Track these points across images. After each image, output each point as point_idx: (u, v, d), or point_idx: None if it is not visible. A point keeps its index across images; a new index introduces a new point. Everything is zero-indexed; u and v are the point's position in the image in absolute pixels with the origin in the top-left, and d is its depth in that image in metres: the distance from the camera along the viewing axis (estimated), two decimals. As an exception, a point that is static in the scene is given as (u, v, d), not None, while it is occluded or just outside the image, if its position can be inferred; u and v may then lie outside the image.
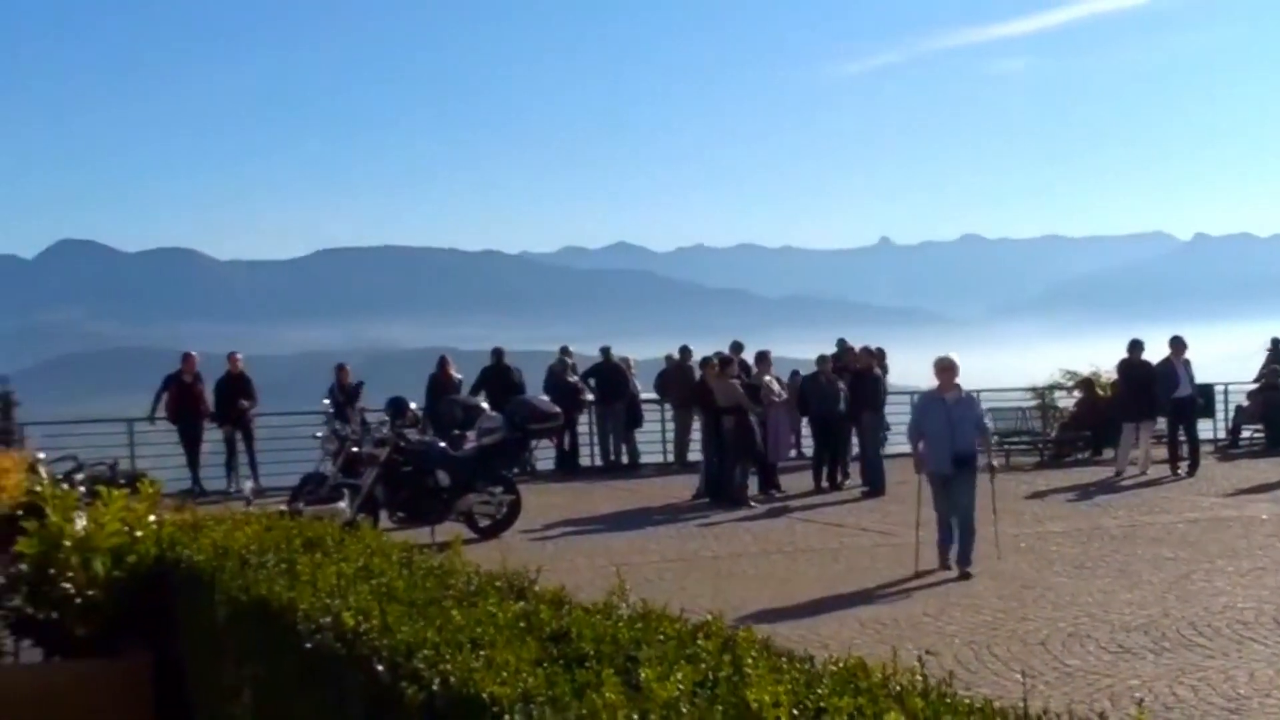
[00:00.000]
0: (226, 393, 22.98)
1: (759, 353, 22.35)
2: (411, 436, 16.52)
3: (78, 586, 6.87)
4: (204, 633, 6.22)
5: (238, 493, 21.61)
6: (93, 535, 7.03)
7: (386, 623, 4.57)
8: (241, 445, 23.11)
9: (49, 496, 7.36)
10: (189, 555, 6.62)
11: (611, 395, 24.96)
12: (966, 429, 14.04)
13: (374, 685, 4.33)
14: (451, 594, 5.11)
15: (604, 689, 3.60)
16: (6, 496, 11.76)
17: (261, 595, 5.46)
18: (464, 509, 16.19)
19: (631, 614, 4.60)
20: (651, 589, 10.84)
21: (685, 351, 25.60)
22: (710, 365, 20.95)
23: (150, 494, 7.56)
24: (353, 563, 5.80)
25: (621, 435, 25.44)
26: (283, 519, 7.30)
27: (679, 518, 18.20)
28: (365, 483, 15.75)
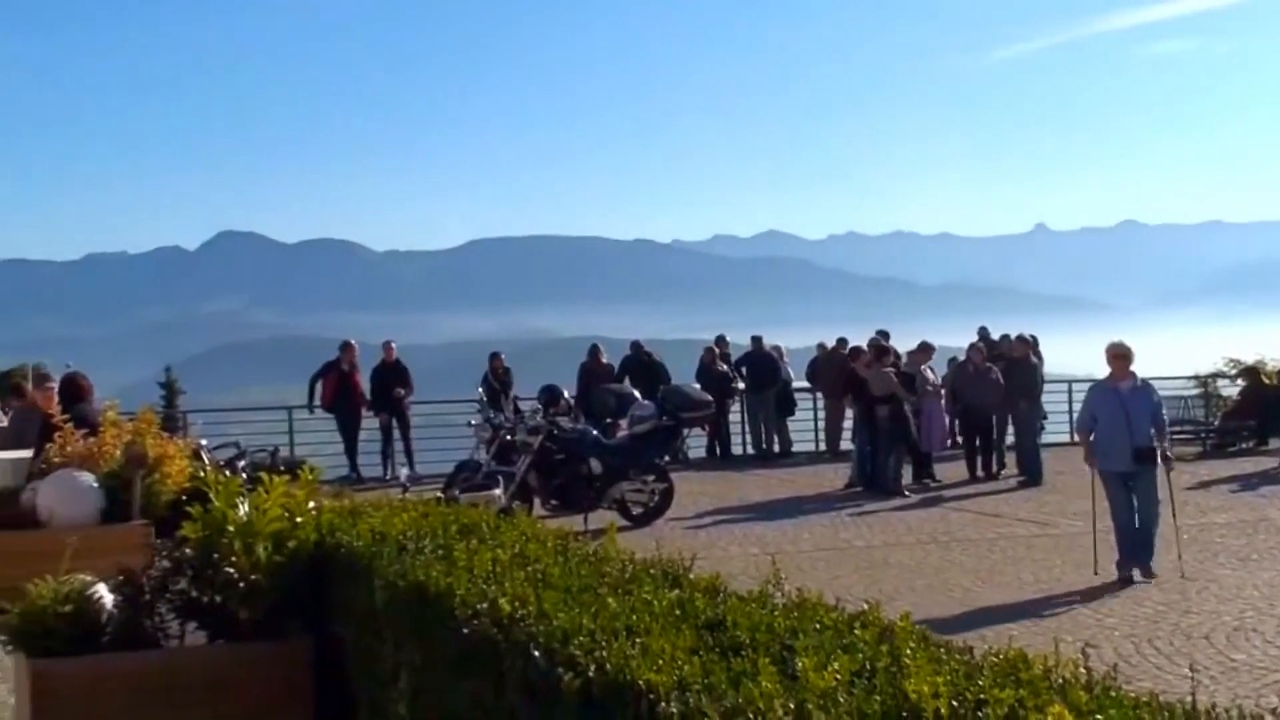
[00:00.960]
0: (382, 381, 23.33)
1: (921, 343, 22.17)
2: (564, 424, 16.64)
3: (241, 571, 7.00)
4: (362, 616, 6.31)
5: (394, 480, 21.95)
6: (255, 521, 7.16)
7: (543, 609, 4.60)
8: (397, 433, 23.45)
9: (213, 483, 7.50)
10: (348, 541, 6.72)
11: (762, 384, 24.89)
12: (1144, 420, 12.98)
13: (530, 671, 4.36)
14: (607, 581, 5.12)
15: (760, 678, 3.58)
16: (171, 483, 12.05)
17: (419, 580, 5.52)
18: (616, 496, 16.27)
19: (787, 603, 4.58)
20: (804, 578, 10.79)
21: (841, 341, 25.44)
22: (864, 354, 20.79)
23: (310, 481, 7.68)
24: (508, 549, 5.84)
25: (773, 424, 25.36)
26: (439, 506, 7.36)
27: (831, 507, 18.10)
28: (519, 470, 15.90)
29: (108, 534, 10.92)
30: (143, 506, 11.66)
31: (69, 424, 12.50)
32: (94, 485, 11.64)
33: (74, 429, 12.39)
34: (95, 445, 12.08)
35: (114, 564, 7.61)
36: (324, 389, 23.20)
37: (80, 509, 11.45)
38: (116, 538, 10.82)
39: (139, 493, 11.64)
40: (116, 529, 11.25)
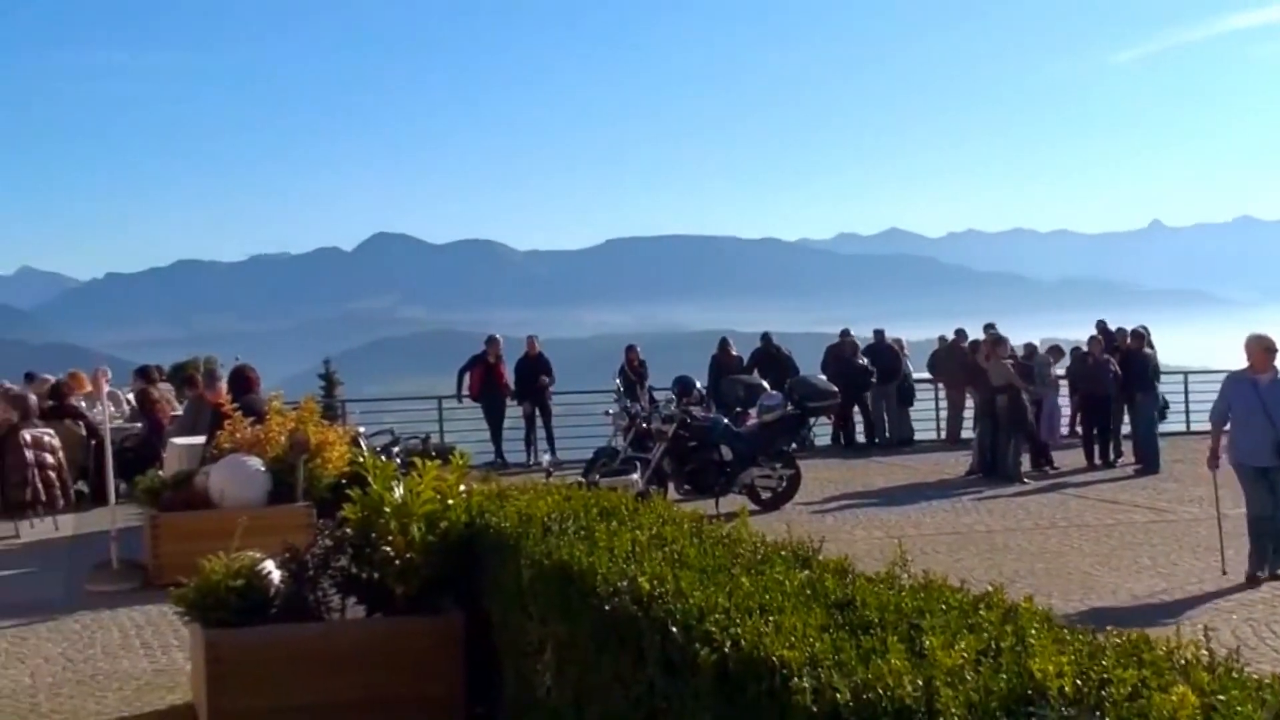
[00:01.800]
0: (526, 373, 23.53)
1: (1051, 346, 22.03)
2: (697, 413, 16.62)
3: (396, 550, 7.11)
4: (509, 594, 6.36)
5: (536, 465, 22.12)
6: (410, 503, 7.26)
7: (680, 587, 4.60)
8: (540, 421, 23.63)
9: (370, 467, 7.62)
10: (496, 522, 6.79)
11: (885, 375, 24.67)
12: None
13: (669, 646, 4.37)
14: (740, 562, 5.11)
15: (889, 655, 3.55)
16: (331, 467, 12.28)
17: (563, 560, 5.55)
18: (746, 482, 16.23)
19: (913, 584, 4.53)
20: (927, 561, 10.69)
21: (960, 334, 25.18)
22: (983, 346, 20.56)
23: (460, 466, 7.77)
24: (646, 531, 5.85)
25: (895, 413, 25.13)
26: (580, 490, 7.40)
27: (952, 493, 17.87)
28: (654, 457, 15.93)
29: (274, 514, 11.18)
30: (305, 489, 11.92)
31: (238, 413, 12.79)
32: (261, 469, 11.91)
33: (243, 417, 12.68)
34: (262, 432, 12.36)
35: (280, 542, 7.77)
36: (471, 380, 23.50)
37: (249, 491, 11.72)
38: (282, 518, 11.07)
39: (302, 476, 11.88)
40: (282, 510, 11.50)
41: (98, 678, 8.67)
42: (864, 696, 3.39)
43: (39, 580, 12.50)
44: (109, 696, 8.20)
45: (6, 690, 8.40)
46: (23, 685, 8.53)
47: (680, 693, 4.29)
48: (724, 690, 3.99)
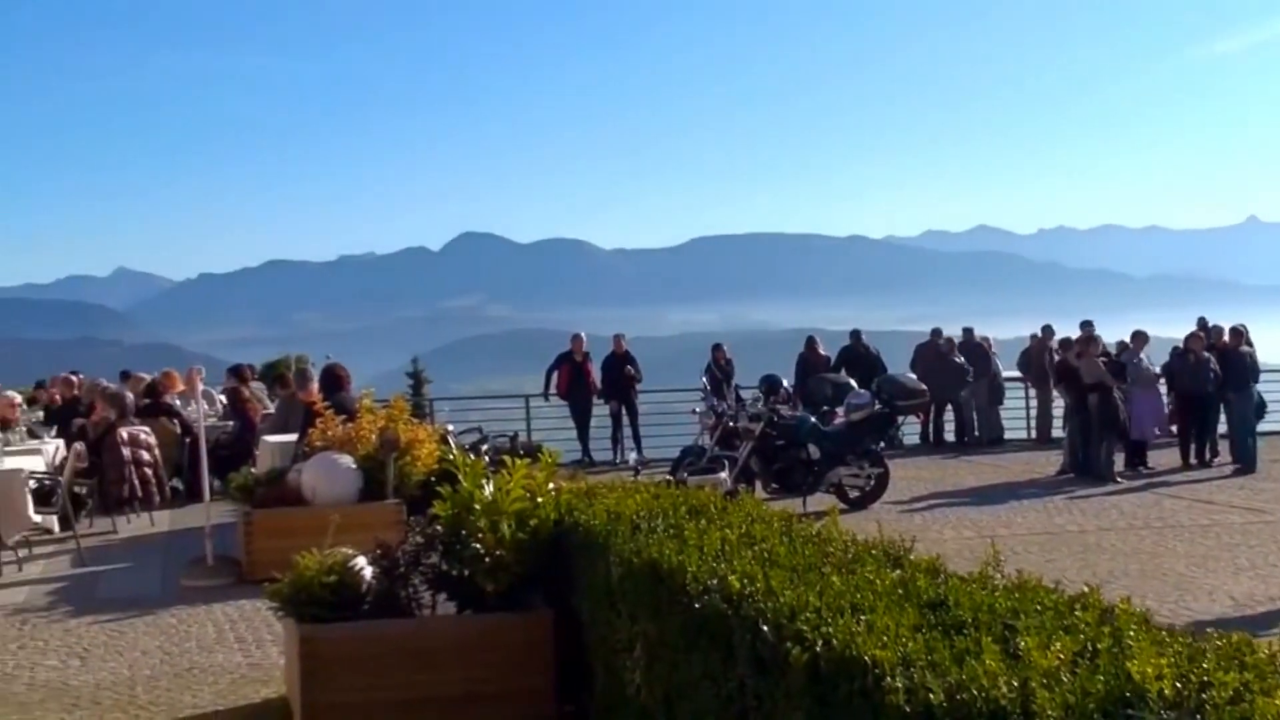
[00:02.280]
0: (613, 371, 23.57)
1: (1135, 332, 21.59)
2: (784, 412, 16.56)
3: (486, 547, 7.15)
4: (599, 591, 6.38)
5: (623, 463, 22.15)
6: (500, 501, 7.30)
7: (770, 586, 4.59)
8: (626, 419, 23.67)
9: (461, 465, 7.67)
10: (585, 520, 6.81)
11: (974, 374, 24.44)
12: None
13: (759, 645, 4.36)
14: (830, 561, 5.09)
15: (984, 656, 3.52)
16: (421, 465, 12.37)
17: (652, 558, 5.56)
18: (834, 481, 16.14)
19: (1007, 584, 4.48)
20: (1018, 561, 10.58)
21: (1047, 331, 24.90)
22: (1075, 344, 20.29)
23: (549, 464, 7.80)
24: (735, 529, 5.84)
25: (985, 412, 24.89)
26: (668, 488, 7.41)
27: (1043, 492, 17.66)
28: (741, 455, 15.89)
29: (365, 511, 11.29)
30: (395, 486, 12.02)
31: (330, 411, 12.93)
32: (352, 467, 12.03)
33: (334, 415, 12.82)
34: (353, 430, 12.48)
35: (371, 539, 7.85)
36: (558, 378, 23.59)
37: (340, 488, 11.85)
38: (372, 515, 11.19)
39: (392, 474, 11.99)
40: (372, 507, 11.62)
41: (194, 671, 8.80)
42: (958, 697, 3.37)
43: (136, 575, 12.72)
44: (204, 690, 8.32)
45: (106, 682, 8.56)
46: (122, 677, 8.68)
47: (771, 691, 4.28)
48: (816, 689, 3.98)
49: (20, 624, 10.46)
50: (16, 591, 11.92)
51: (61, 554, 13.86)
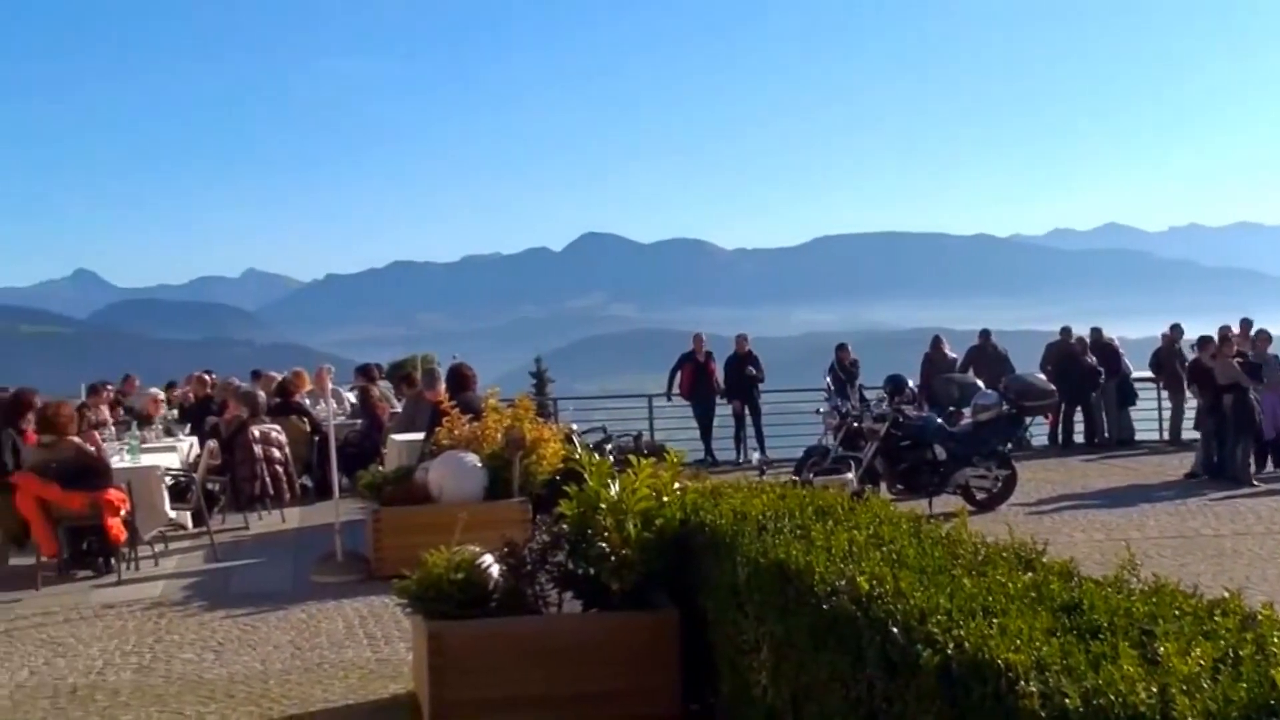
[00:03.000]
0: (736, 371, 23.55)
1: (1259, 331, 21.03)
2: (909, 412, 16.41)
3: (612, 546, 7.18)
4: (725, 591, 6.38)
5: (746, 463, 22.12)
6: (625, 500, 7.33)
7: (900, 588, 4.56)
8: (749, 419, 23.63)
9: (586, 464, 7.71)
10: (711, 520, 6.81)
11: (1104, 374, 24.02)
12: None
13: (889, 647, 4.33)
14: (960, 563, 5.04)
15: (1121, 661, 3.46)
16: (546, 464, 12.47)
17: (779, 558, 5.54)
18: (960, 482, 15.96)
19: (1143, 588, 4.40)
20: (1151, 565, 10.36)
21: (1176, 329, 24.39)
22: (1208, 344, 19.83)
23: (675, 464, 7.82)
24: (863, 530, 5.81)
25: (1115, 413, 24.44)
26: (794, 488, 7.38)
27: (1176, 495, 17.29)
28: (865, 456, 15.78)
29: (491, 509, 11.39)
30: (521, 485, 12.12)
31: (456, 410, 13.07)
32: (478, 465, 12.15)
33: (460, 414, 12.96)
34: (479, 429, 12.60)
35: (498, 536, 7.92)
36: (681, 378, 23.65)
37: (466, 486, 11.97)
38: (498, 513, 11.29)
39: (518, 472, 12.09)
40: (498, 505, 11.72)
41: (324, 666, 8.95)
42: (1095, 702, 3.31)
43: (268, 570, 12.96)
44: (335, 684, 8.45)
45: (240, 675, 8.73)
46: (254, 671, 8.85)
47: (901, 694, 4.25)
48: (947, 692, 3.94)
49: (157, 617, 10.72)
50: (153, 585, 12.21)
51: (195, 549, 14.17)
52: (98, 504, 12.40)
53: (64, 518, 12.49)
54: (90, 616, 10.87)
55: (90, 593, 11.99)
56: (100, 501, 12.40)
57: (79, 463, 12.61)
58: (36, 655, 9.53)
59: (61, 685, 8.64)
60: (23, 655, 9.55)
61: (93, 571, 12.85)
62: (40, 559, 12.45)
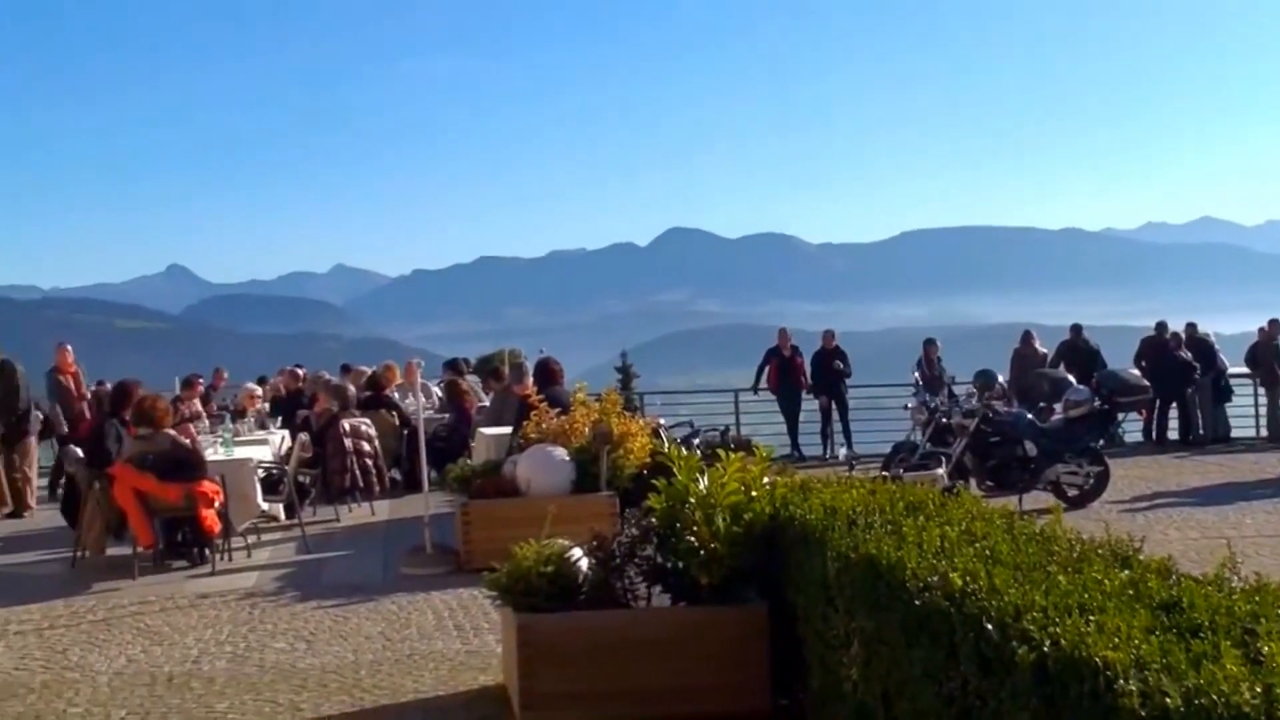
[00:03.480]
0: (822, 366, 23.49)
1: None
2: (999, 408, 16.24)
3: (701, 540, 7.17)
4: (814, 586, 6.35)
5: (832, 458, 22.04)
6: (714, 494, 7.32)
7: (994, 584, 4.51)
8: (836, 414, 23.55)
9: (675, 458, 7.71)
10: (800, 514, 6.77)
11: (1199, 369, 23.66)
12: None
13: (983, 644, 4.28)
14: (1056, 560, 4.97)
15: (1223, 660, 3.40)
16: (633, 458, 12.48)
17: (870, 553, 5.51)
18: (1051, 479, 15.77)
19: (1245, 587, 4.32)
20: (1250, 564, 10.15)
21: (1274, 325, 23.97)
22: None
23: (764, 458, 7.79)
24: (955, 526, 5.75)
25: (1210, 409, 24.06)
26: (884, 483, 7.33)
27: (1274, 493, 16.97)
28: (954, 451, 15.65)
29: (578, 503, 11.43)
30: (608, 479, 12.14)
31: (544, 404, 13.13)
32: (566, 459, 12.19)
33: (548, 408, 13.01)
34: (567, 423, 12.64)
35: (586, 530, 7.94)
36: (768, 373, 23.65)
37: (554, 480, 12.02)
38: (586, 507, 11.33)
39: (606, 466, 12.11)
40: (586, 499, 11.76)
41: (414, 657, 9.02)
42: (1196, 702, 3.26)
43: (358, 562, 13.10)
44: (425, 675, 8.52)
45: (331, 665, 8.83)
46: (346, 661, 8.95)
47: (996, 691, 4.20)
48: (1043, 690, 3.89)
49: (250, 608, 10.87)
50: (246, 576, 12.39)
51: (287, 541, 14.36)
52: (193, 496, 12.60)
53: (160, 509, 12.71)
54: (185, 606, 11.06)
55: (185, 583, 12.20)
56: (195, 493, 12.61)
57: (174, 455, 12.83)
58: (134, 644, 9.70)
59: (158, 673, 8.79)
60: (120, 643, 9.73)
61: (187, 562, 13.07)
62: (137, 549, 12.67)
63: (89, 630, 10.25)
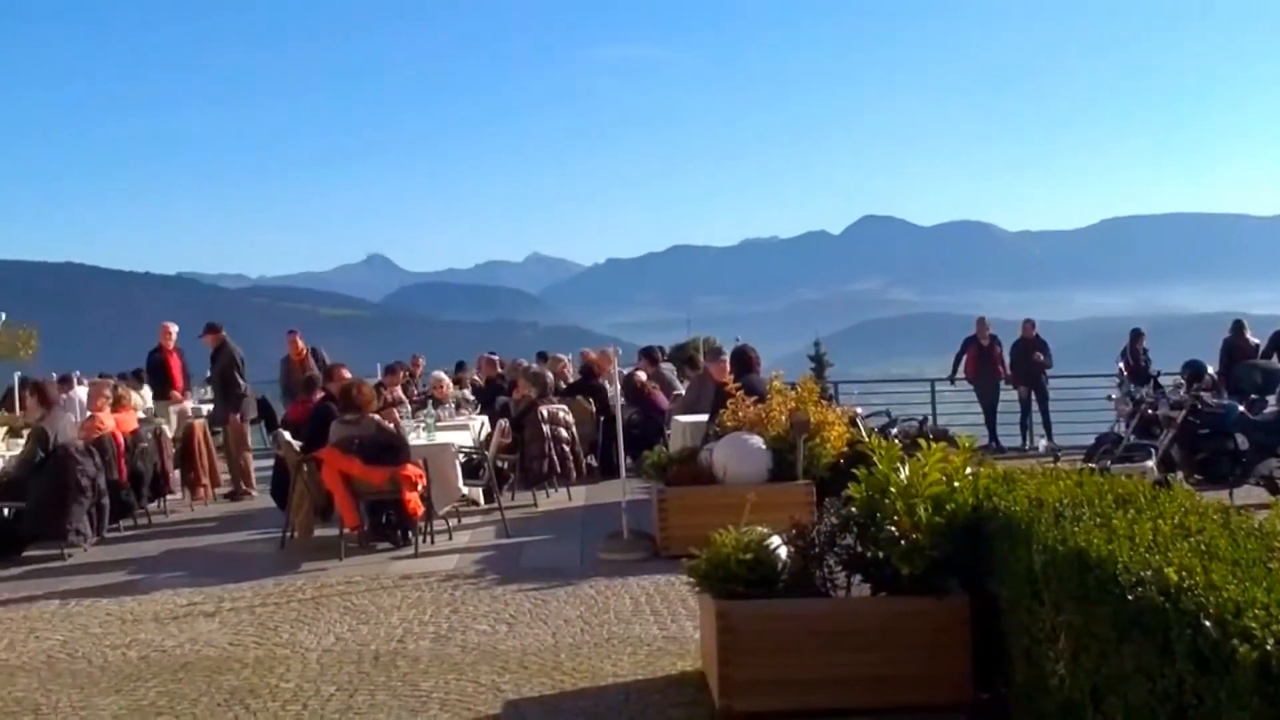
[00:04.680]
0: (1022, 356, 23.08)
1: None
2: (1208, 399, 15.73)
3: (901, 530, 7.11)
4: (1019, 578, 6.24)
5: (1031, 450, 21.62)
6: (915, 484, 7.25)
7: (1211, 580, 4.38)
8: (1035, 405, 23.13)
9: (876, 448, 7.66)
10: (1005, 506, 6.67)
11: None
12: None
13: (1201, 641, 4.17)
14: (1277, 556, 4.81)
15: None
16: (830, 447, 12.42)
17: (1079, 546, 5.40)
18: (1264, 473, 15.21)
19: None
20: None
21: None
22: None
23: (967, 449, 7.68)
24: (1168, 520, 5.60)
25: None
26: (1091, 475, 7.16)
27: None
28: (1161, 444, 15.21)
29: (775, 491, 11.43)
30: (805, 468, 12.10)
31: (740, 392, 13.14)
32: (763, 447, 12.20)
33: (745, 396, 13.02)
34: (764, 411, 12.64)
35: (785, 518, 7.93)
36: (966, 362, 23.35)
37: (751, 468, 12.03)
38: (782, 495, 11.32)
39: (803, 455, 12.08)
40: (783, 487, 11.75)
41: (612, 641, 9.12)
42: None
43: (557, 547, 13.27)
44: (624, 659, 8.61)
45: (532, 648, 8.98)
46: (546, 644, 9.09)
47: (1214, 690, 4.09)
48: (1266, 690, 3.77)
49: (452, 589, 11.10)
50: (448, 559, 12.66)
51: (486, 525, 14.64)
52: (396, 479, 12.92)
53: (365, 492, 13.06)
54: (390, 586, 11.35)
55: (389, 564, 12.52)
56: (399, 477, 12.93)
57: (379, 439, 13.16)
58: (341, 622, 10.00)
59: (365, 651, 9.04)
60: (328, 621, 10.04)
61: (391, 544, 13.41)
62: (343, 531, 13.06)
63: (298, 608, 10.60)
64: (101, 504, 14.02)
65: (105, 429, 14.91)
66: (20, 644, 9.68)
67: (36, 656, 9.28)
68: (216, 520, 16.27)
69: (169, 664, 8.91)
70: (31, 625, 10.33)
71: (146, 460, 15.70)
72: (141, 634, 9.86)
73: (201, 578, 12.08)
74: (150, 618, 10.43)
